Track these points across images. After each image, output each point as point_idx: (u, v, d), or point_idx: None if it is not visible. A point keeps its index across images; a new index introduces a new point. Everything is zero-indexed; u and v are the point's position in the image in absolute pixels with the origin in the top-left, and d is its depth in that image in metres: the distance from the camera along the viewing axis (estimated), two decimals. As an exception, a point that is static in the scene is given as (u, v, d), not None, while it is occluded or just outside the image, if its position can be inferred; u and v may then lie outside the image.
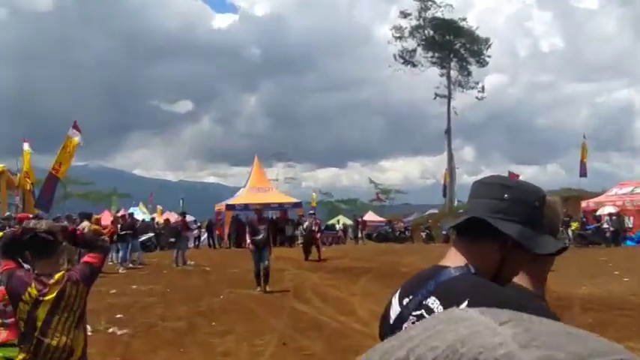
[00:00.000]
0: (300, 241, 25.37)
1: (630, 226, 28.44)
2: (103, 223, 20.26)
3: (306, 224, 22.86)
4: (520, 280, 1.80)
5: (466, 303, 1.53)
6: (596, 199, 32.72)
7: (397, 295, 1.72)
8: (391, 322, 1.69)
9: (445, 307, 1.56)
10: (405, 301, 1.68)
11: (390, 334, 1.50)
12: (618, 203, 29.57)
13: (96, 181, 59.05)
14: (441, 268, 1.66)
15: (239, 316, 10.61)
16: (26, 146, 19.78)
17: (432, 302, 1.61)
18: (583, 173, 39.61)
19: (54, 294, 3.55)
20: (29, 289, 3.54)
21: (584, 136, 40.42)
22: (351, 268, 17.75)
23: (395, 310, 1.70)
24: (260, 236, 13.35)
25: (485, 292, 1.60)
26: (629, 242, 27.32)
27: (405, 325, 1.63)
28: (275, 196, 35.39)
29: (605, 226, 27.78)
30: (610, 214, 28.17)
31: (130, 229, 20.18)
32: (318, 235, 23.01)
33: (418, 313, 1.62)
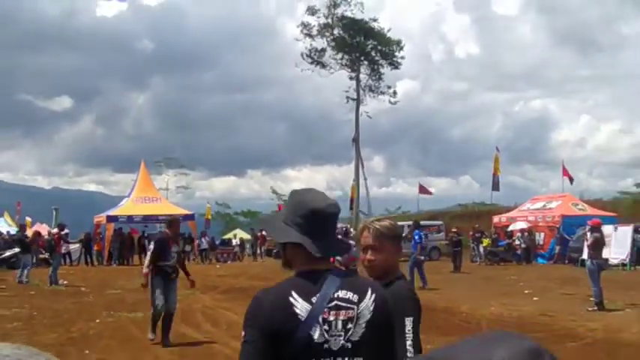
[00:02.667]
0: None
1: (541, 242, 29.97)
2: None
3: None
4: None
5: (370, 290, 2.28)
6: (508, 214, 34.29)
7: (295, 296, 2.19)
8: (303, 318, 2.15)
9: (359, 296, 2.24)
10: (314, 299, 2.19)
11: (305, 327, 2.14)
12: (530, 219, 31.10)
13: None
14: (324, 272, 2.26)
15: (118, 342, 10.32)
16: None
17: (345, 294, 2.23)
18: (495, 187, 41.53)
19: None
20: None
21: (497, 149, 42.38)
22: (248, 287, 17.67)
23: (303, 308, 2.17)
24: (171, 261, 10.20)
25: (375, 282, 2.42)
26: (540, 260, 28.80)
27: (323, 317, 2.17)
28: (164, 207, 34.67)
29: (517, 242, 29.17)
30: (521, 230, 29.61)
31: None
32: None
33: (333, 304, 2.19)
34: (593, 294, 13.43)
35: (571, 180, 37.46)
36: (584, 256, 24.62)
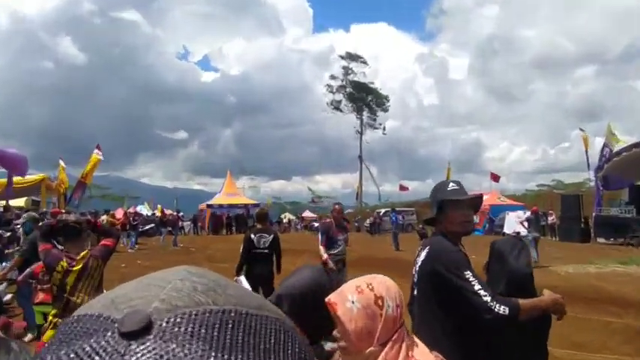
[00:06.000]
0: None
1: (477, 221, 29.56)
2: (117, 216, 19.57)
3: None
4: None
5: (427, 249, 2.02)
6: (456, 204, 33.79)
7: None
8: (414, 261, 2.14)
9: (422, 251, 2.03)
10: (419, 249, 2.14)
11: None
12: (470, 207, 30.66)
13: (113, 187, 56.67)
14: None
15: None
16: (61, 162, 18.90)
17: (420, 249, 2.12)
18: (447, 187, 40.93)
19: (80, 265, 3.45)
20: (61, 262, 3.43)
21: (448, 163, 41.85)
22: (292, 249, 17.72)
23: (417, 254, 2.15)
24: (338, 249, 6.65)
25: (438, 242, 2.05)
26: (477, 232, 28.35)
27: (415, 260, 2.09)
28: (241, 199, 35.05)
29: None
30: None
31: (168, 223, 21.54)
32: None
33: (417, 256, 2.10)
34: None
35: (498, 179, 36.98)
36: (505, 229, 24.43)
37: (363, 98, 50.24)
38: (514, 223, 24.87)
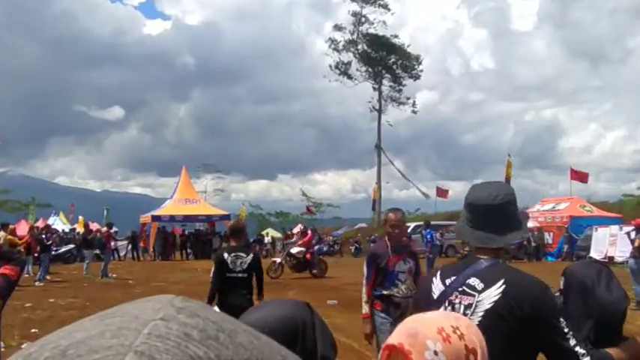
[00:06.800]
0: None
1: (550, 242, 29.67)
2: (20, 234, 19.64)
3: None
4: None
5: (502, 281, 2.09)
6: (519, 216, 33.92)
7: (438, 277, 2.26)
8: (435, 297, 2.21)
9: (485, 285, 2.12)
10: (448, 281, 2.20)
11: (433, 306, 2.13)
12: (540, 219, 30.78)
13: (14, 189, 56.85)
14: (477, 259, 2.21)
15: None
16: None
17: (473, 281, 2.15)
18: (507, 190, 41.06)
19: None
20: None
21: (508, 155, 41.93)
22: (279, 281, 17.77)
23: (438, 288, 2.22)
24: (399, 286, 5.62)
25: (516, 274, 2.17)
26: (549, 258, 28.50)
27: (450, 298, 2.19)
28: (203, 208, 35.09)
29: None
30: (531, 230, 29.32)
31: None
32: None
33: (461, 289, 2.16)
34: (635, 293, 11.90)
35: (583, 178, 36.94)
36: (592, 253, 24.49)
37: (383, 59, 50.32)
38: (605, 243, 25.08)
